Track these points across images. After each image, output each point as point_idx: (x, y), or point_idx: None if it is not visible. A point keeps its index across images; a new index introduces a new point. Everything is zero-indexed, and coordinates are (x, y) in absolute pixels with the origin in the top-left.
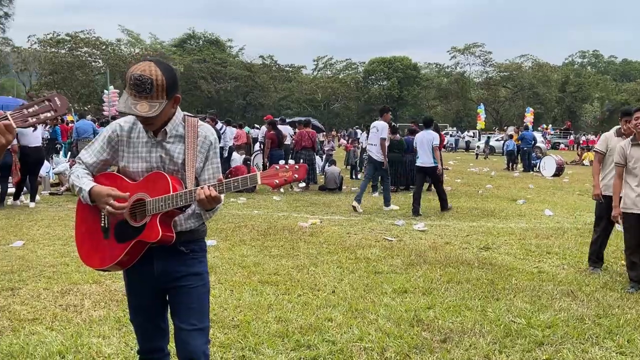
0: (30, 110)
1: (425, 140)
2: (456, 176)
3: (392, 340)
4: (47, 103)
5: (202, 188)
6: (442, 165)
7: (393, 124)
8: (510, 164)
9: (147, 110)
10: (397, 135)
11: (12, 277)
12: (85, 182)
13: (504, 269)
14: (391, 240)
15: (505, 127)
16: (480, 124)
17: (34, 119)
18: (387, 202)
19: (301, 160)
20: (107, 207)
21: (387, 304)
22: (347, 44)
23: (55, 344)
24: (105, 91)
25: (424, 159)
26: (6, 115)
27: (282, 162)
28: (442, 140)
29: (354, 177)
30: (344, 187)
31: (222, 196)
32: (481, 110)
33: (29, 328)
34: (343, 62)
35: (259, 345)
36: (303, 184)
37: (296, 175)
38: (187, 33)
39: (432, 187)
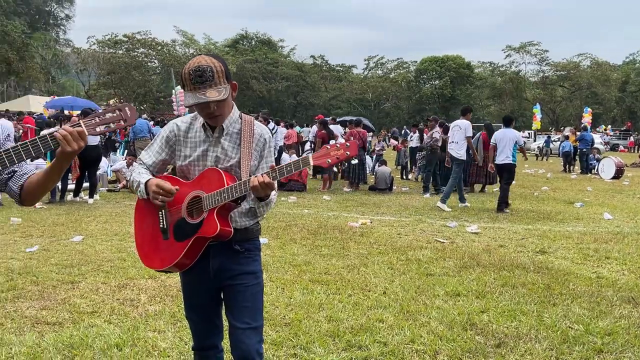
0: (102, 118)
1: (505, 138)
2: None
3: (444, 343)
4: (117, 113)
5: (255, 176)
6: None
7: (445, 123)
8: (567, 166)
9: (216, 95)
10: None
11: (72, 270)
12: (143, 176)
13: (560, 274)
14: (443, 242)
15: (562, 128)
16: (536, 125)
17: (104, 128)
18: (444, 199)
19: (344, 167)
20: (158, 196)
21: (439, 306)
22: (399, 43)
23: (113, 336)
24: (174, 91)
25: (502, 157)
26: (79, 123)
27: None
28: None
29: (404, 177)
30: (394, 188)
31: (275, 183)
32: (537, 110)
33: (88, 320)
34: (394, 62)
35: (310, 344)
36: (348, 189)
37: (348, 153)
38: (240, 34)
39: (485, 189)
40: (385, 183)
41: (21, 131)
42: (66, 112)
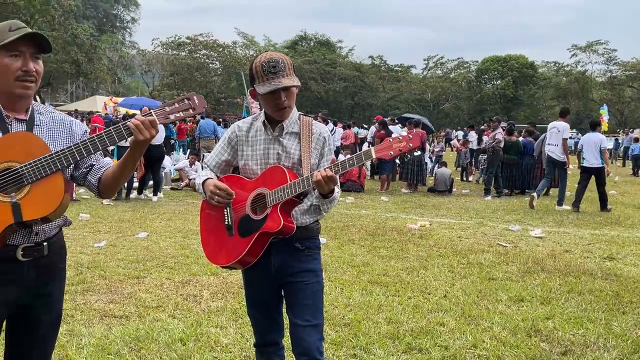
0: (171, 108)
1: (592, 142)
2: (576, 180)
3: (507, 349)
4: (186, 102)
5: (318, 170)
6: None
7: (510, 124)
8: (636, 169)
9: (292, 82)
10: (514, 136)
11: (137, 266)
12: (202, 178)
13: (630, 281)
14: (506, 246)
15: (631, 130)
16: (604, 126)
17: (174, 116)
18: (560, 202)
19: (407, 159)
20: (215, 197)
21: (502, 311)
22: (459, 42)
23: (177, 331)
24: (246, 93)
25: (591, 161)
26: (151, 112)
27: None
28: None
29: (465, 179)
30: (454, 190)
31: (338, 177)
32: (604, 111)
33: (153, 315)
34: (454, 61)
35: (370, 345)
36: (407, 190)
37: (411, 145)
38: (299, 35)
39: (550, 192)
40: (445, 185)
41: (88, 130)
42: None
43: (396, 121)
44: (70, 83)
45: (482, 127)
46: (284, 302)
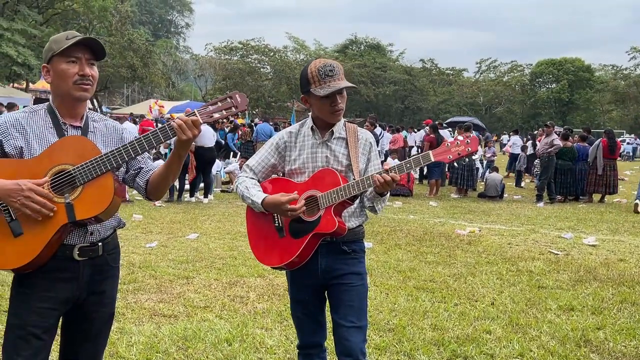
0: (214, 107)
1: None
2: (633, 187)
3: (556, 359)
4: (229, 100)
5: (378, 173)
6: None
7: (566, 129)
8: None
9: (347, 85)
10: (569, 142)
11: (187, 266)
12: (255, 193)
13: None
14: (557, 254)
15: None
16: None
17: (218, 115)
18: None
19: (464, 163)
20: (288, 212)
21: (551, 320)
22: (513, 45)
23: (223, 331)
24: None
25: None
26: (194, 112)
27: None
28: (617, 148)
29: (518, 185)
30: (505, 195)
31: (398, 177)
32: None
33: (201, 315)
34: (508, 64)
35: (414, 351)
36: (456, 195)
37: (469, 149)
38: (349, 38)
39: (605, 199)
40: (496, 190)
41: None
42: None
43: (444, 125)
44: (126, 87)
45: (536, 132)
46: (328, 304)
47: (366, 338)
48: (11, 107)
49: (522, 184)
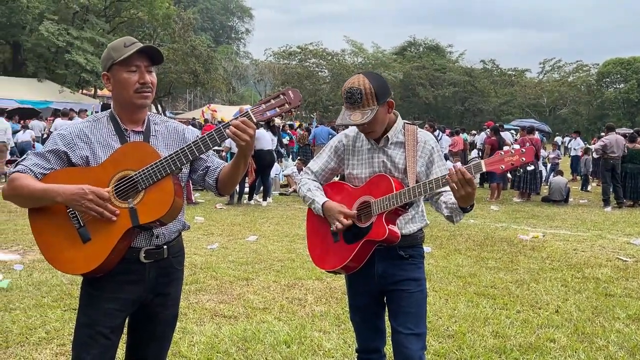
0: (267, 104)
1: None
2: None
3: None
4: (281, 97)
5: (448, 176)
6: None
7: (635, 130)
8: None
9: (359, 119)
10: (637, 143)
11: (247, 268)
12: (318, 195)
13: None
14: (626, 261)
15: None
16: None
17: (271, 113)
18: None
19: (518, 174)
20: (337, 223)
21: (619, 330)
22: (577, 45)
23: (281, 333)
24: None
25: None
26: (247, 111)
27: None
28: None
29: (584, 188)
30: (570, 199)
31: (477, 181)
32: None
33: (260, 316)
34: (573, 64)
35: (474, 359)
36: (519, 199)
37: (523, 159)
38: (408, 40)
39: None
40: (561, 194)
41: None
42: None
43: (504, 126)
44: (188, 92)
45: (602, 133)
46: (387, 309)
47: (425, 345)
48: (81, 112)
49: (589, 188)
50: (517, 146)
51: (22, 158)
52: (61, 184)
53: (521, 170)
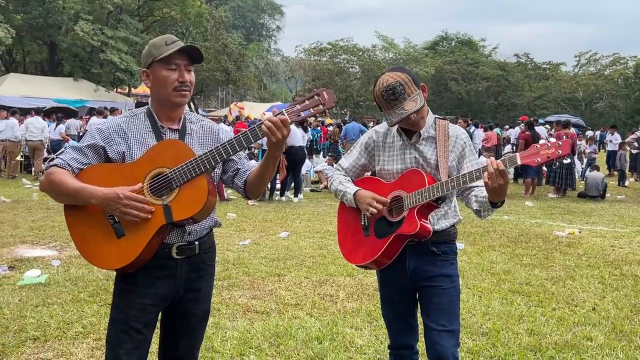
0: (302, 105)
1: None
2: None
3: None
4: (316, 98)
5: (485, 170)
6: None
7: None
8: None
9: (414, 106)
10: None
11: (278, 264)
12: (349, 186)
13: None
14: None
15: None
16: None
17: (305, 113)
18: None
19: (554, 167)
20: (370, 208)
21: None
22: (614, 37)
23: (313, 329)
24: None
25: None
26: (282, 111)
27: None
28: None
29: (621, 183)
30: (607, 195)
31: (510, 177)
32: None
33: (292, 312)
34: (609, 57)
35: (508, 357)
36: (554, 195)
37: (560, 151)
38: (440, 35)
39: None
40: (597, 190)
41: None
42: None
43: (539, 121)
44: (220, 90)
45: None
46: (419, 306)
47: (459, 342)
48: (113, 111)
49: (626, 183)
50: (553, 139)
51: (60, 151)
52: (96, 186)
53: (557, 163)
